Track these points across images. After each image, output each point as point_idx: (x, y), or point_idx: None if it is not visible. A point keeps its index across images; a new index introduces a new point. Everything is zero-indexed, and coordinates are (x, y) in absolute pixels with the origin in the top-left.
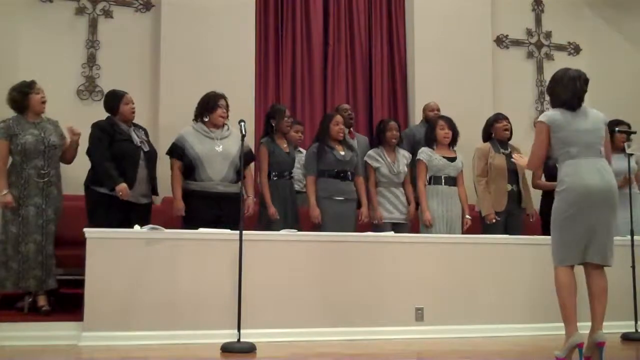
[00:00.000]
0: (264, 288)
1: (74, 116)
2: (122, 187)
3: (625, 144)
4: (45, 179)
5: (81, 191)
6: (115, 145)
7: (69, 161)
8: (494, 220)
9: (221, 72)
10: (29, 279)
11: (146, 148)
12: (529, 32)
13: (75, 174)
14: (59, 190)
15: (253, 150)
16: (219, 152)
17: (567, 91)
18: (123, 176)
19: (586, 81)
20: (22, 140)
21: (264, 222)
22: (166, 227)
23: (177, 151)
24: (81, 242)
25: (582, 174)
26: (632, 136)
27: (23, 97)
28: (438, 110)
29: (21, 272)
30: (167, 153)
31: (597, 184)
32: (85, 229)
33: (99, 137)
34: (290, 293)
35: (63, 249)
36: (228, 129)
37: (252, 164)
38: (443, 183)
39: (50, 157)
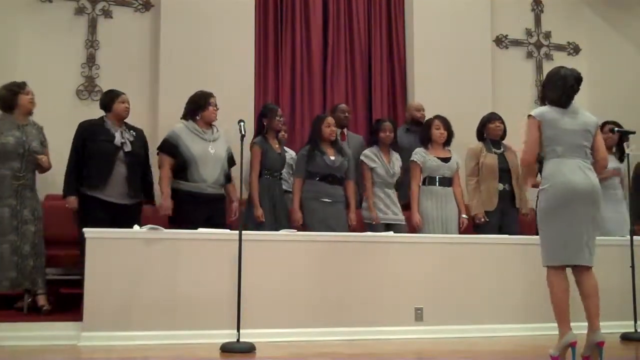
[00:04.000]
0: (264, 288)
1: (73, 116)
2: (70, 199)
3: (625, 144)
4: (21, 182)
5: None
6: (94, 145)
7: (42, 172)
8: (482, 220)
9: (221, 72)
10: (3, 280)
11: (128, 148)
12: (529, 32)
13: None
14: (33, 193)
15: (246, 150)
16: (212, 154)
17: (557, 89)
18: (97, 175)
19: (578, 80)
20: (2, 141)
21: (252, 222)
22: (165, 228)
23: (169, 148)
24: (73, 242)
25: (565, 172)
26: (630, 136)
27: (12, 96)
28: (424, 110)
29: None
30: (158, 148)
31: (580, 183)
32: (84, 229)
33: (75, 140)
34: (290, 293)
35: (57, 248)
36: (217, 130)
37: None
38: (438, 184)
39: (28, 161)
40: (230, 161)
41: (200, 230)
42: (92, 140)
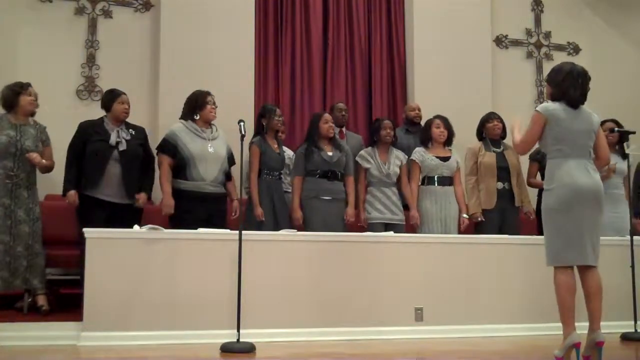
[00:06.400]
0: (264, 288)
1: (73, 116)
2: (69, 194)
3: (625, 144)
4: (14, 181)
5: None
6: (90, 145)
7: (45, 171)
8: (479, 219)
9: (221, 72)
10: None
11: (123, 147)
12: (529, 32)
13: None
14: (31, 193)
15: (246, 149)
16: (211, 152)
17: (576, 89)
18: (91, 175)
19: (589, 79)
20: None
21: (253, 222)
22: (165, 228)
23: (168, 148)
24: (74, 242)
25: (571, 172)
26: (631, 136)
27: (14, 96)
28: (419, 110)
29: None
30: (157, 148)
31: (586, 183)
32: (84, 229)
33: (74, 141)
34: (290, 293)
35: (57, 248)
36: (216, 129)
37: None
38: (436, 183)
39: (21, 161)
40: (230, 160)
41: (200, 230)
42: (88, 140)
